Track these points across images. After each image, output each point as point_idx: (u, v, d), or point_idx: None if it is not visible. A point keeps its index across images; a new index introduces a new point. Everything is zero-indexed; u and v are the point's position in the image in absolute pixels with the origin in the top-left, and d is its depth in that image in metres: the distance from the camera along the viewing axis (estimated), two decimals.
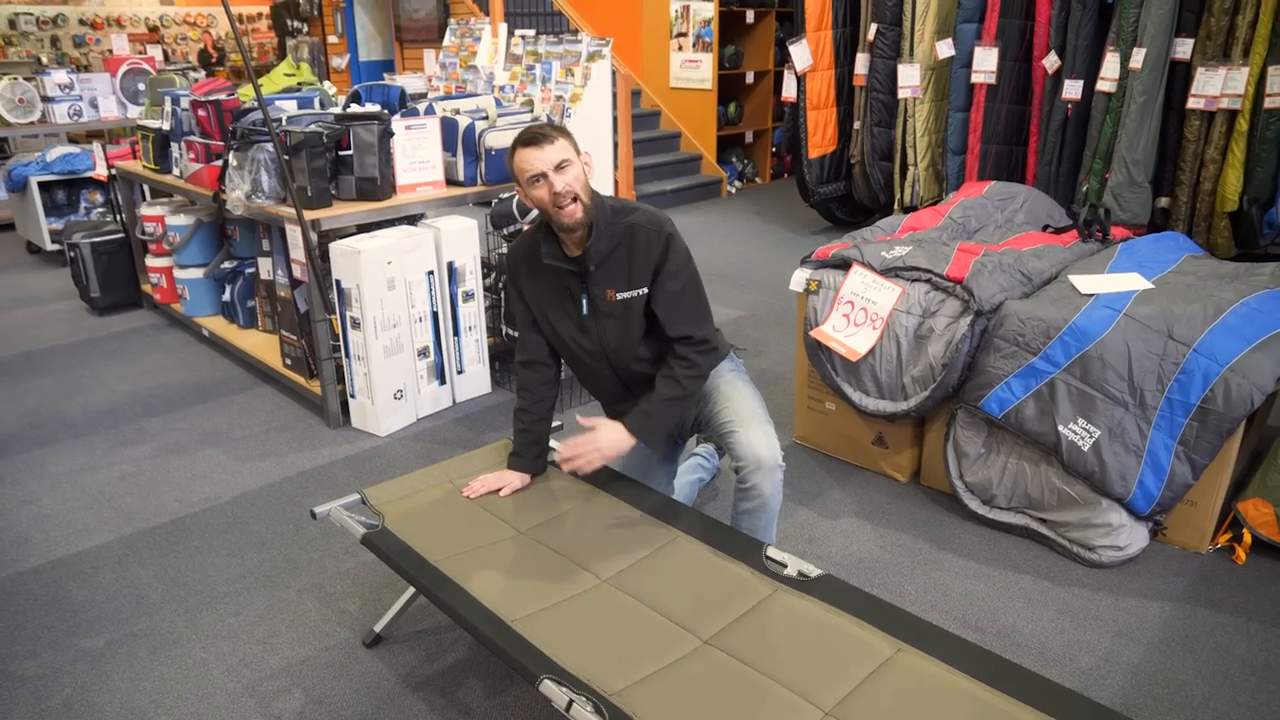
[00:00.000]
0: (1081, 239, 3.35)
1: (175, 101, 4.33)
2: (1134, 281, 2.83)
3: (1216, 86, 4.44)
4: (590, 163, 2.20)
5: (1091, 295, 2.73)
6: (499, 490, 2.37)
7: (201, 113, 4.02)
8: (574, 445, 2.24)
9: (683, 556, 2.08)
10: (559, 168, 2.11)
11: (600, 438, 2.23)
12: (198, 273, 4.63)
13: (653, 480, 2.59)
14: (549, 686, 1.67)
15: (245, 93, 4.14)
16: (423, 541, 2.15)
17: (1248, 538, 2.61)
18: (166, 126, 4.44)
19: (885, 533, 2.84)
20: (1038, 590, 2.54)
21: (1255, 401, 2.40)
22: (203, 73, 6.91)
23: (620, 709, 1.61)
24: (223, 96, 4.02)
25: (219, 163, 3.84)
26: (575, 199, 2.13)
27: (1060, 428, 2.60)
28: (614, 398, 2.50)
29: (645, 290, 2.25)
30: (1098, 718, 1.58)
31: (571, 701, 1.63)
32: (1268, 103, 4.30)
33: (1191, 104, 4.53)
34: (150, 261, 4.91)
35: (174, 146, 4.39)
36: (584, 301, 2.29)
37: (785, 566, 2.01)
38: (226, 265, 4.55)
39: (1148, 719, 2.06)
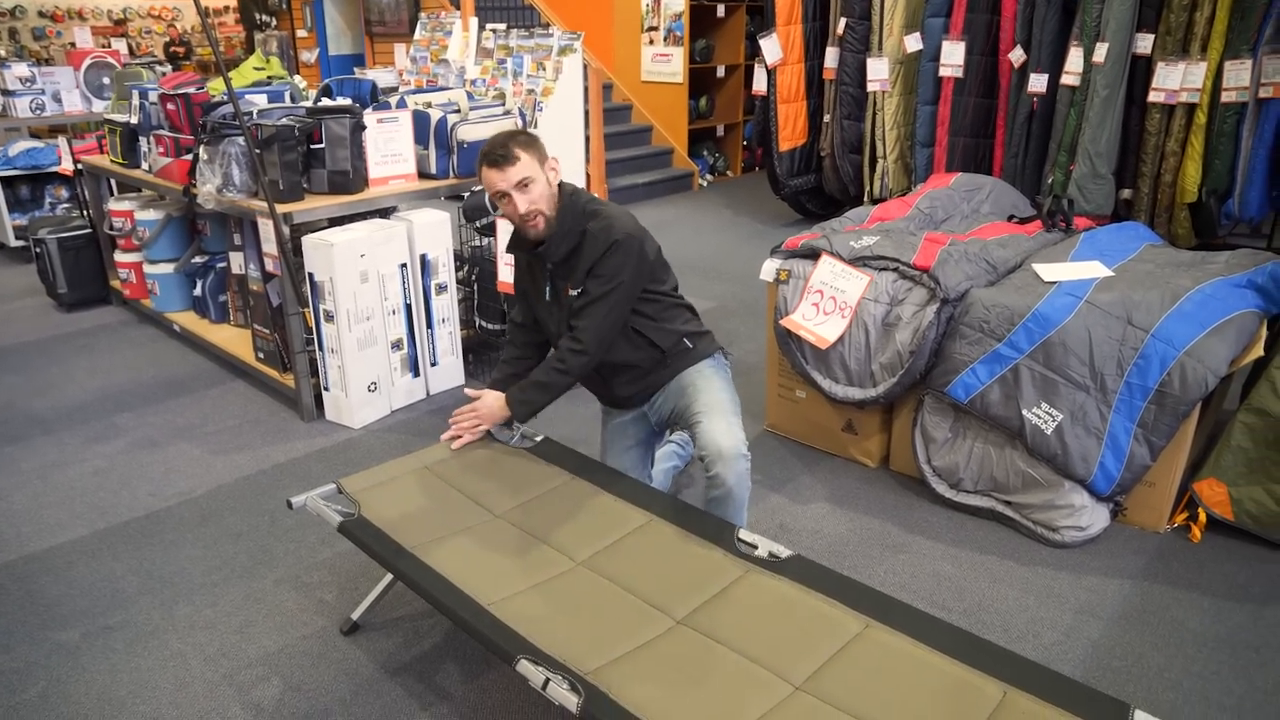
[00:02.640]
0: (1045, 229, 3.42)
1: (143, 95, 4.30)
2: (1095, 270, 2.90)
3: (1176, 81, 4.53)
4: (557, 166, 2.32)
5: (1054, 283, 2.80)
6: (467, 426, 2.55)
7: (170, 106, 4.00)
8: (457, 418, 2.53)
9: (656, 539, 2.12)
10: (521, 186, 2.24)
11: (481, 408, 2.50)
12: (168, 268, 4.60)
13: (630, 468, 2.63)
14: (525, 666, 1.70)
15: (215, 86, 4.12)
16: (399, 528, 2.17)
17: (1203, 517, 2.69)
18: (134, 120, 4.41)
19: (855, 517, 2.89)
20: (1003, 570, 2.61)
21: (1209, 384, 2.48)
22: (169, 66, 6.84)
23: (596, 686, 1.65)
24: (192, 90, 4.00)
25: (189, 157, 3.82)
26: (539, 214, 2.28)
27: (1024, 412, 2.66)
28: (593, 383, 2.62)
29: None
30: (1057, 686, 1.64)
31: (548, 680, 1.66)
32: (1224, 96, 4.40)
33: (1152, 98, 4.63)
34: (119, 257, 4.86)
35: (142, 141, 4.35)
36: (548, 290, 2.45)
37: (756, 548, 2.06)
38: (197, 260, 4.52)
39: (1106, 689, 2.13)
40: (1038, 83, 5.01)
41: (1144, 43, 4.63)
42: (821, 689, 1.66)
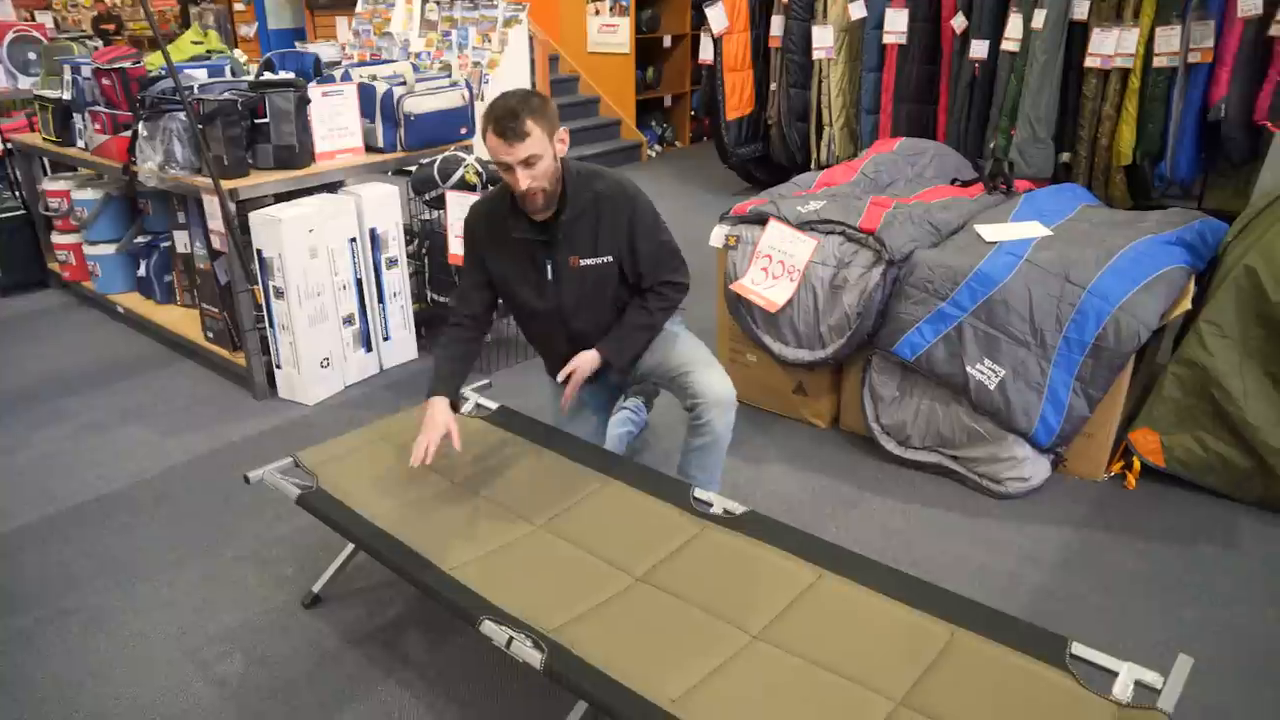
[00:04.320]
0: (987, 191, 3.51)
1: (76, 70, 4.18)
2: (1034, 229, 2.98)
3: (1111, 46, 4.64)
4: (565, 138, 2.20)
5: (995, 243, 2.88)
6: (433, 439, 2.24)
7: (106, 82, 3.90)
8: (562, 377, 2.39)
9: (613, 501, 2.17)
10: (527, 163, 2.11)
11: (576, 361, 2.37)
12: (109, 248, 4.49)
13: (586, 433, 2.66)
14: (489, 626, 1.74)
15: (152, 61, 4.03)
16: (358, 498, 2.18)
17: (1137, 465, 2.81)
18: (67, 97, 4.29)
19: (807, 476, 2.97)
20: (950, 522, 2.70)
21: (1142, 337, 2.58)
22: (100, 41, 6.62)
23: (559, 643, 1.69)
24: (128, 65, 3.90)
25: (127, 134, 3.73)
26: (539, 191, 2.17)
27: (968, 368, 2.74)
28: (561, 355, 2.57)
29: (611, 258, 2.33)
30: (1001, 625, 1.72)
31: (511, 639, 1.70)
32: (1156, 61, 4.52)
33: (1088, 63, 4.73)
34: (56, 239, 4.74)
35: (77, 118, 4.24)
36: (548, 267, 2.34)
37: (711, 506, 2.11)
38: (140, 240, 4.43)
39: (1047, 628, 2.22)
40: (979, 49, 5.08)
41: (1081, 8, 4.72)
42: (778, 637, 1.72)
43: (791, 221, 3.07)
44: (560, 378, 2.39)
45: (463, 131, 4.03)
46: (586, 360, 2.37)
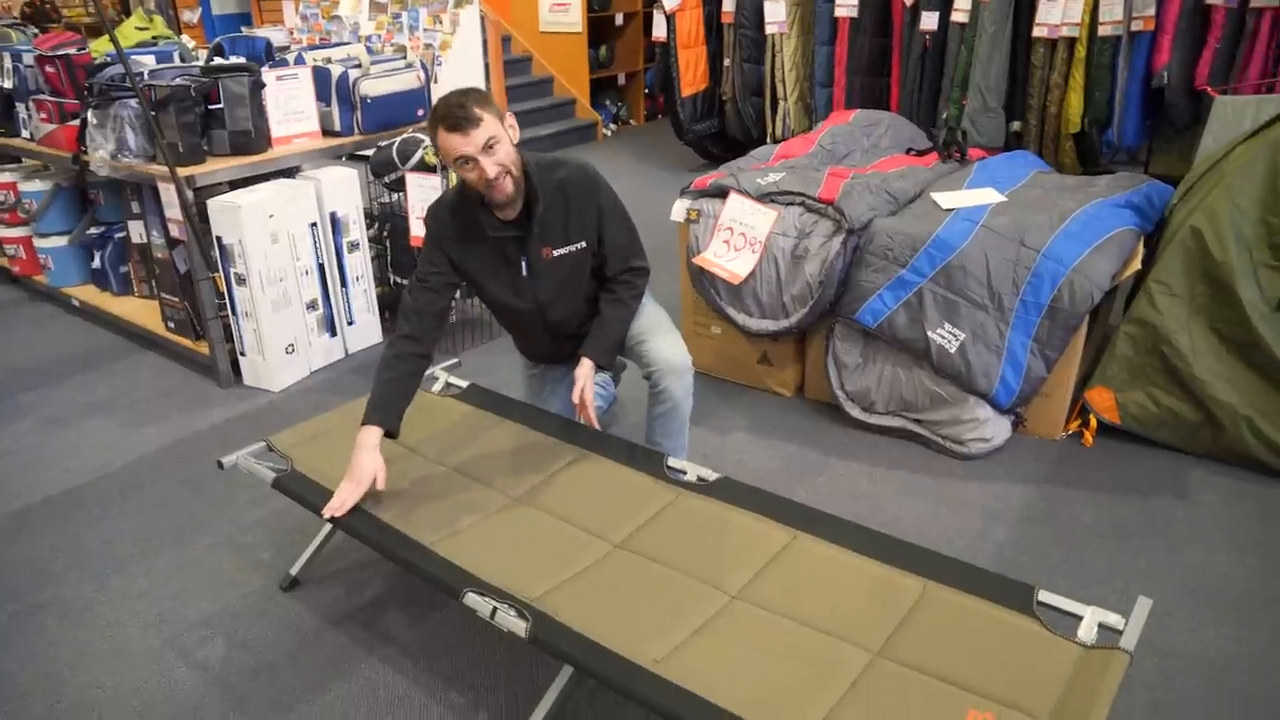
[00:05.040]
0: (941, 160, 3.57)
1: (16, 58, 4.07)
2: (989, 196, 3.05)
3: (1057, 15, 4.72)
4: (514, 124, 2.19)
5: (952, 210, 2.94)
6: (356, 493, 2.09)
7: (50, 69, 3.81)
8: (577, 398, 2.38)
9: (588, 472, 2.20)
10: (487, 149, 2.07)
11: (577, 379, 2.37)
12: (61, 241, 4.40)
13: (557, 408, 2.68)
14: (472, 598, 1.76)
15: (97, 47, 3.95)
16: (335, 479, 2.17)
17: (1094, 423, 2.90)
18: (8, 85, 4.18)
19: (775, 444, 3.02)
20: (915, 484, 2.77)
21: (1095, 298, 2.66)
22: (35, 28, 6.45)
23: (542, 611, 1.72)
24: (72, 51, 3.82)
25: (76, 122, 3.66)
26: (507, 174, 2.14)
27: (929, 333, 2.81)
28: (541, 347, 2.63)
29: (584, 244, 2.34)
30: (971, 576, 1.78)
31: (495, 609, 1.73)
32: (1101, 30, 4.62)
33: (1036, 32, 4.82)
34: (4, 232, 4.62)
35: (20, 107, 4.14)
36: (522, 263, 2.33)
37: (685, 473, 2.15)
38: (93, 231, 4.34)
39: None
40: (929, 21, 5.15)
41: None
42: (756, 596, 1.77)
43: (752, 194, 3.11)
44: (576, 400, 2.37)
45: (420, 113, 4.01)
46: (587, 375, 2.37)
